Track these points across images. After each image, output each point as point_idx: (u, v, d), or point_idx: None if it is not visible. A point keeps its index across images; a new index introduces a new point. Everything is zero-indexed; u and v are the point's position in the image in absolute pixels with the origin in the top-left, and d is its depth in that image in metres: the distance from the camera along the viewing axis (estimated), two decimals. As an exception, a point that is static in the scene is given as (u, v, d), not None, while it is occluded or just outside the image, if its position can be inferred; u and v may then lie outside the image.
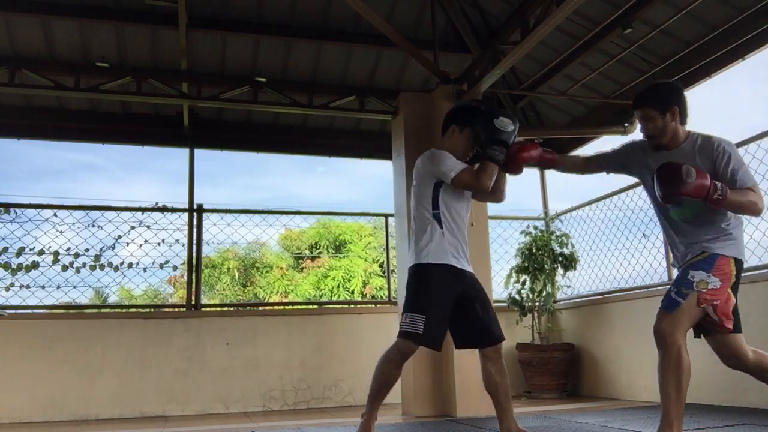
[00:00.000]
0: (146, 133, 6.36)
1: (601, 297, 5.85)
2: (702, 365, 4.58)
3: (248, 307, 8.95)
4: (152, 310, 7.62)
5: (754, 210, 2.55)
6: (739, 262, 2.59)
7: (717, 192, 2.45)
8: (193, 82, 5.56)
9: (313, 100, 5.68)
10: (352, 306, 8.07)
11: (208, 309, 6.06)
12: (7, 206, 5.55)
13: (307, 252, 14.79)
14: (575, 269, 6.15)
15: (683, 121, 2.70)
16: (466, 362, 4.51)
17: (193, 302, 5.65)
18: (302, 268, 14.65)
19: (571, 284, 6.35)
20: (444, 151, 2.94)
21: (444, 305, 2.80)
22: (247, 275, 14.19)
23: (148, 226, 5.79)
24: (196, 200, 5.93)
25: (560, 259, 6.11)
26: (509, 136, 2.83)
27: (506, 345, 6.21)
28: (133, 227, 5.75)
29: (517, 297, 6.04)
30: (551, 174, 7.04)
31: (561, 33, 5.41)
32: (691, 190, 2.44)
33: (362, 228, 14.68)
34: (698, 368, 4.62)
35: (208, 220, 5.91)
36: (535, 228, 6.30)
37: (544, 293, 6.00)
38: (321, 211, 12.49)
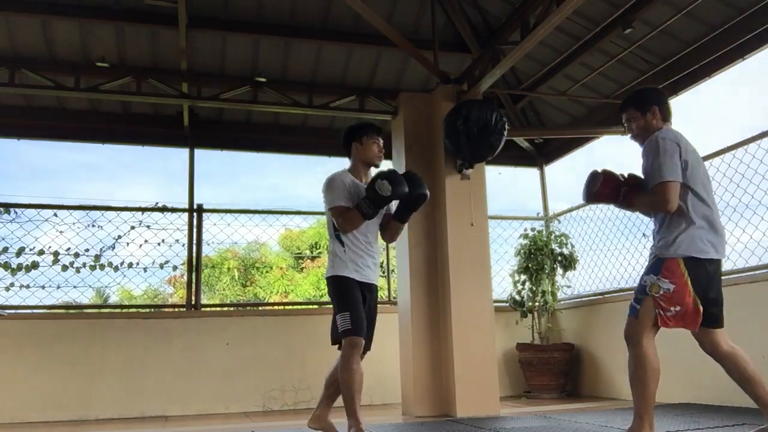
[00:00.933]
0: (146, 133, 6.35)
1: (601, 297, 5.85)
2: (702, 366, 4.58)
3: (248, 307, 8.95)
4: (152, 310, 7.62)
5: (657, 208, 2.80)
6: (692, 260, 2.70)
7: (620, 197, 2.92)
8: (193, 82, 5.56)
9: (313, 100, 5.68)
10: (352, 306, 8.06)
11: (208, 309, 6.07)
12: (7, 206, 5.55)
13: (307, 252, 14.79)
14: (575, 269, 6.15)
15: (666, 119, 2.95)
16: (466, 362, 4.52)
17: (193, 302, 5.65)
18: (302, 268, 14.64)
19: (570, 284, 6.36)
20: (336, 181, 3.28)
21: (359, 304, 3.21)
22: (247, 275, 14.19)
23: (148, 226, 5.79)
24: (196, 200, 5.93)
25: (560, 259, 6.11)
26: (381, 199, 3.12)
27: (506, 345, 6.25)
28: (133, 227, 5.76)
29: (517, 297, 6.04)
30: (551, 174, 7.05)
31: (561, 33, 5.41)
32: (597, 197, 2.98)
33: (362, 228, 14.67)
34: (698, 369, 4.62)
35: (208, 220, 5.91)
36: (533, 229, 6.30)
37: (544, 293, 6.00)
38: (321, 211, 12.46)
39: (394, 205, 3.33)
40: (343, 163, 3.55)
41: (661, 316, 2.68)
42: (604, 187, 2.92)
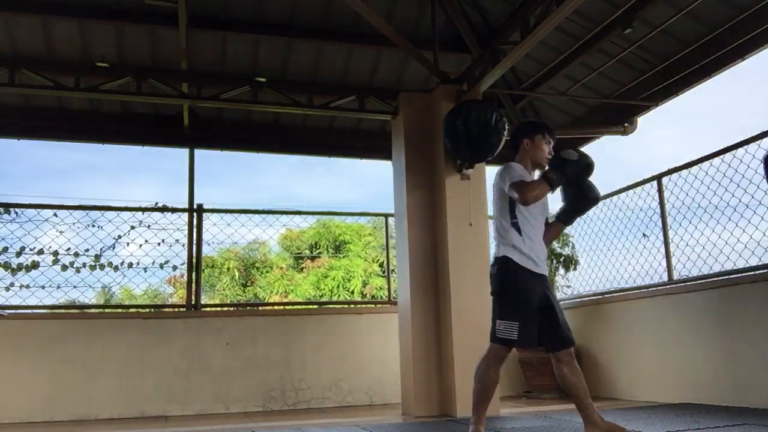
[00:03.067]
0: (146, 133, 6.36)
1: (601, 297, 5.85)
2: (702, 366, 4.59)
3: (248, 307, 8.95)
4: (152, 310, 7.63)
5: None
6: None
7: None
8: (193, 82, 5.56)
9: (313, 100, 5.67)
10: (352, 306, 8.09)
11: (208, 309, 6.06)
12: (7, 206, 5.55)
13: (307, 252, 14.79)
14: (576, 269, 6.15)
15: None
16: (466, 362, 4.51)
17: (193, 302, 5.65)
18: (302, 268, 14.65)
19: (571, 284, 6.36)
20: (516, 165, 3.11)
21: (533, 315, 2.95)
22: (247, 275, 14.19)
23: (148, 226, 5.80)
24: (196, 200, 5.94)
25: (561, 259, 6.11)
26: (569, 166, 2.99)
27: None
28: (133, 227, 5.77)
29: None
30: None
31: (561, 33, 5.41)
32: None
33: (362, 228, 14.69)
34: (698, 369, 4.62)
35: (208, 220, 5.92)
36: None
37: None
38: (321, 211, 12.51)
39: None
40: (342, 163, 3.55)
41: None
42: None
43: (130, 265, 5.77)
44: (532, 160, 3.19)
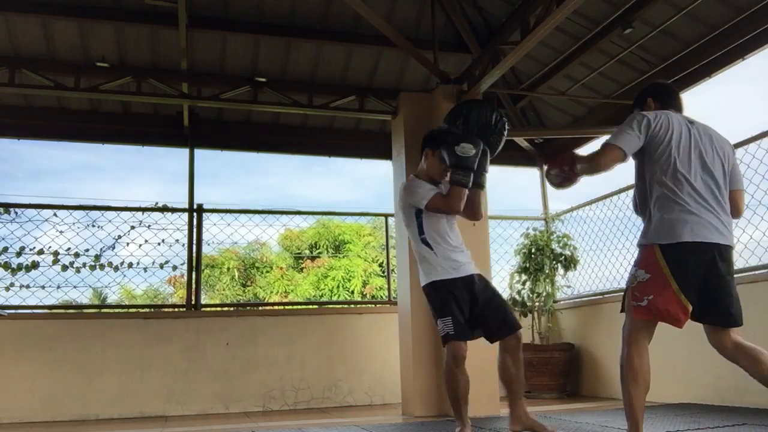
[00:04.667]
0: (146, 133, 6.36)
1: (601, 297, 5.85)
2: (702, 366, 4.60)
3: (248, 307, 8.96)
4: (152, 310, 7.63)
5: (593, 167, 2.65)
6: (668, 247, 2.47)
7: (565, 167, 2.79)
8: (193, 82, 5.56)
9: (313, 100, 5.68)
10: (352, 306, 8.08)
11: (208, 309, 6.07)
12: (7, 206, 5.55)
13: (307, 252, 14.79)
14: (575, 270, 6.15)
15: (666, 106, 2.74)
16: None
17: (193, 302, 5.65)
18: (302, 268, 14.64)
19: (570, 284, 6.36)
20: (417, 181, 3.28)
21: (461, 308, 3.08)
22: (247, 275, 14.19)
23: (148, 226, 5.80)
24: (196, 200, 5.94)
25: (561, 259, 6.11)
26: (471, 161, 3.13)
27: (506, 345, 6.21)
28: (133, 227, 5.76)
29: (517, 297, 6.05)
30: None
31: (561, 33, 5.41)
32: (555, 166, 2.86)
33: (362, 228, 14.68)
34: (698, 369, 4.63)
35: (208, 220, 5.92)
36: (535, 229, 6.31)
37: (544, 294, 6.01)
38: (321, 211, 12.51)
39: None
40: (342, 163, 3.55)
41: (633, 306, 2.49)
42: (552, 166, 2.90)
43: (130, 265, 5.77)
44: (429, 173, 3.30)
